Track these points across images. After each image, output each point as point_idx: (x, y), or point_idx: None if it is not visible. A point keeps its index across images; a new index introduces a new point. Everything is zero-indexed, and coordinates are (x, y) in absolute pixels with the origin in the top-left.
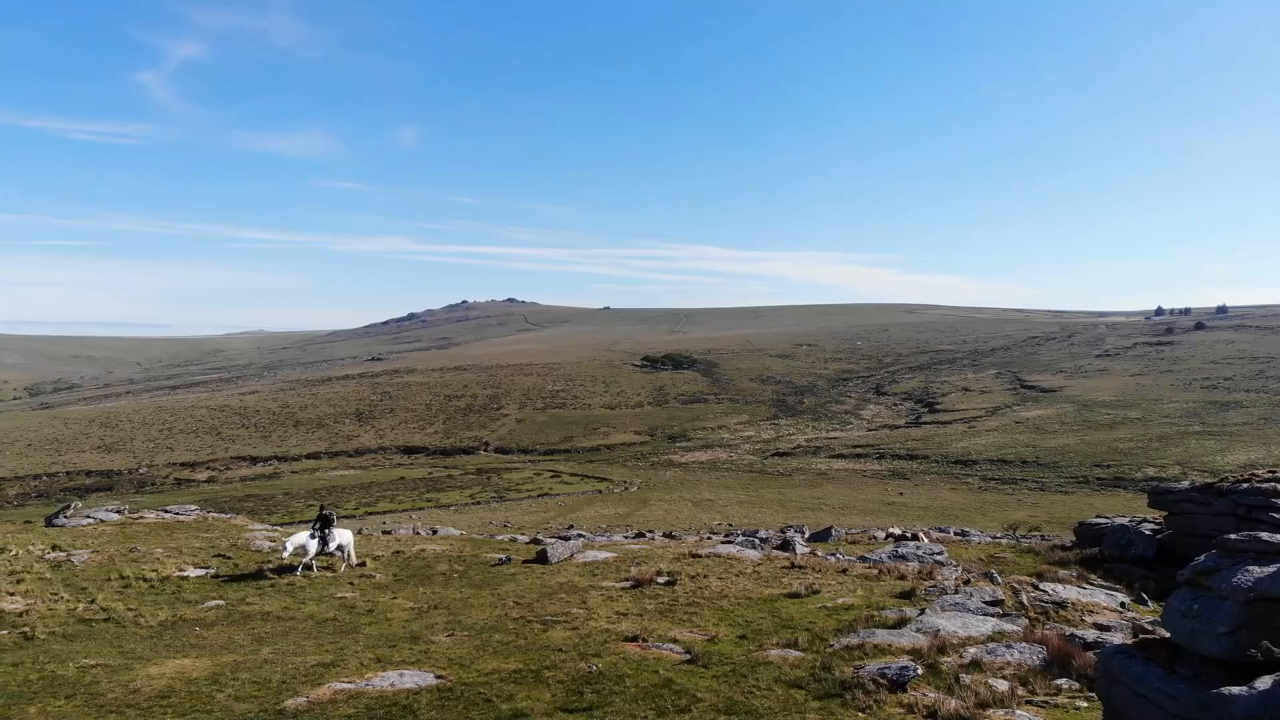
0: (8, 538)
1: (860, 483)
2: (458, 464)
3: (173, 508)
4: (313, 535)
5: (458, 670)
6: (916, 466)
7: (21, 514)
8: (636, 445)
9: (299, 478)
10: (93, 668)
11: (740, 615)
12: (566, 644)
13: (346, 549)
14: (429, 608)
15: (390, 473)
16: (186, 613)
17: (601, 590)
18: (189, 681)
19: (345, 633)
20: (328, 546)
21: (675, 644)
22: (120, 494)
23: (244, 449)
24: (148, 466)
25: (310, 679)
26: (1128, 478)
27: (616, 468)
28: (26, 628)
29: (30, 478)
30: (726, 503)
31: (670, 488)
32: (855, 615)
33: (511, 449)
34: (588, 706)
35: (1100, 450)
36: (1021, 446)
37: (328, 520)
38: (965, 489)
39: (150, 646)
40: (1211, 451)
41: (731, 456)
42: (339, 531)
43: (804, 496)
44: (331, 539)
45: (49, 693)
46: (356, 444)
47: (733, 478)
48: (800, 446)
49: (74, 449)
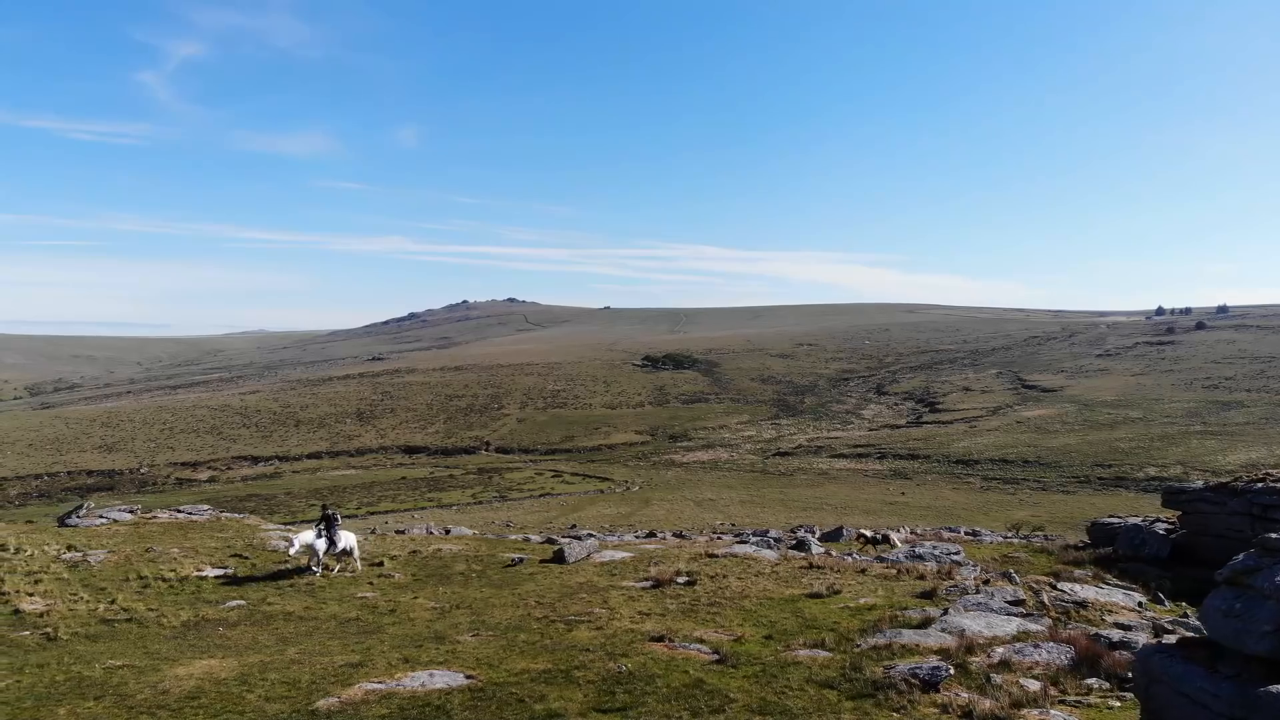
0: (22, 538)
1: (862, 482)
2: (459, 464)
3: (185, 507)
4: (319, 535)
5: (487, 670)
6: (918, 466)
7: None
8: (638, 445)
9: (300, 477)
10: (119, 669)
11: (763, 615)
12: (593, 644)
13: (351, 550)
14: (451, 607)
15: (391, 472)
16: (208, 613)
17: (622, 590)
18: (217, 682)
19: (369, 633)
20: (335, 547)
21: (702, 644)
22: (121, 494)
23: (245, 449)
24: (149, 466)
25: (340, 679)
26: (1129, 477)
27: (618, 467)
28: (49, 628)
29: (31, 477)
30: (728, 502)
31: (672, 487)
32: (879, 615)
33: (513, 449)
34: (621, 707)
35: (1102, 450)
36: (1023, 446)
37: (331, 520)
38: (967, 489)
39: (175, 647)
40: (1213, 451)
41: (733, 456)
42: (343, 532)
43: (806, 496)
44: (337, 540)
45: (77, 694)
46: (358, 444)
47: (734, 477)
48: (802, 446)
49: (75, 449)
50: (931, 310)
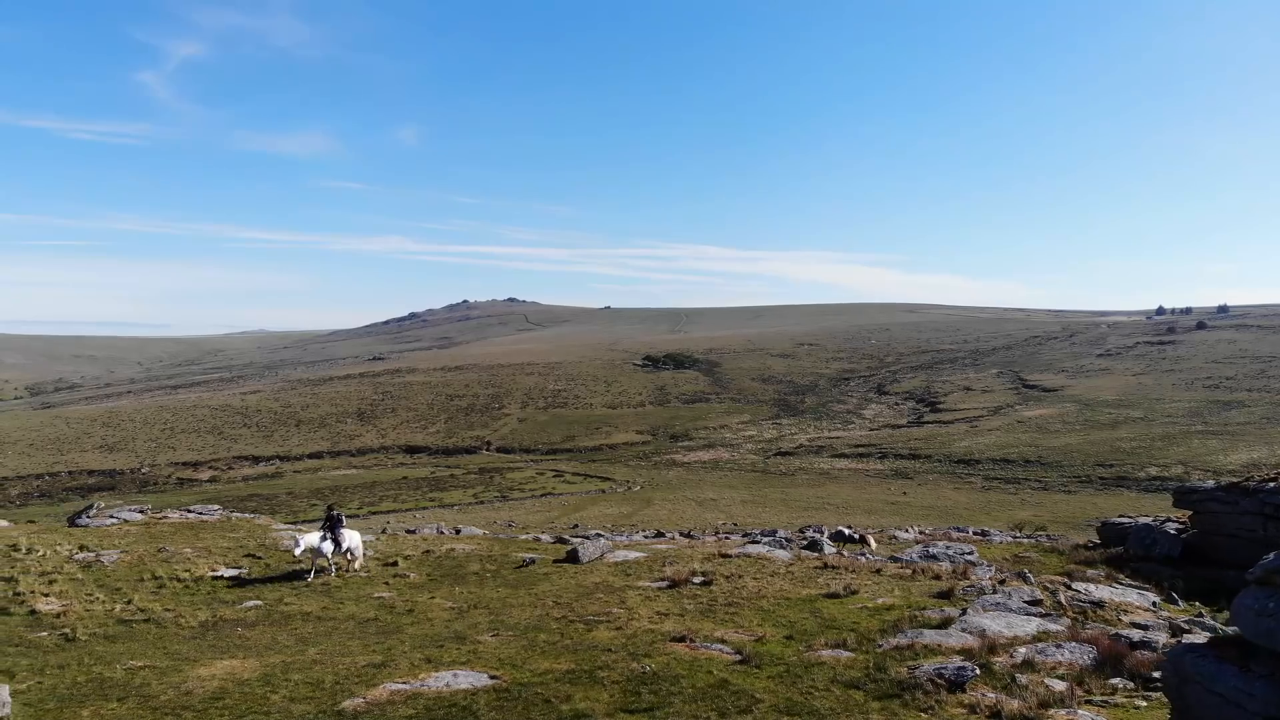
0: (33, 538)
1: (863, 482)
2: (460, 463)
3: (196, 508)
4: (324, 537)
5: (510, 670)
6: (919, 466)
7: (25, 513)
8: (639, 445)
9: (302, 477)
10: (140, 669)
11: (782, 616)
12: (613, 644)
13: (355, 551)
14: (469, 607)
15: (393, 472)
16: (225, 613)
17: (638, 590)
18: (240, 683)
19: (388, 633)
20: (340, 547)
21: (724, 644)
22: (123, 493)
23: (246, 448)
24: (150, 466)
25: (363, 679)
26: (1131, 477)
27: (619, 467)
28: (67, 629)
29: (33, 477)
30: (730, 502)
31: (673, 487)
32: (898, 615)
33: (514, 448)
34: (648, 707)
35: (1103, 450)
36: (1024, 446)
37: (336, 521)
38: (969, 488)
39: (195, 647)
40: (1214, 451)
41: (734, 456)
42: (347, 533)
43: (808, 496)
44: (341, 540)
45: (99, 695)
46: (359, 443)
47: (735, 477)
48: (803, 446)
49: (76, 448)
50: (932, 310)
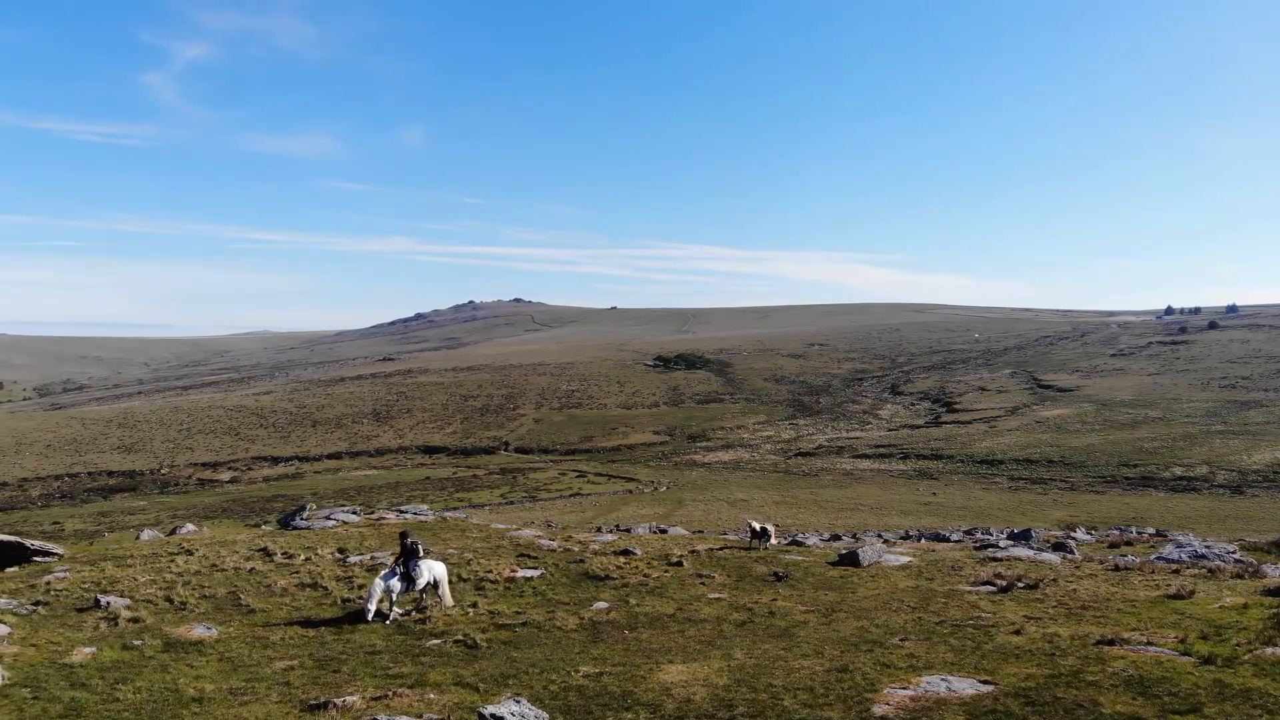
0: (268, 540)
1: (889, 483)
2: (480, 464)
3: (408, 509)
4: (393, 572)
5: (987, 675)
6: (942, 466)
7: (48, 514)
8: (657, 445)
9: (322, 477)
10: (599, 675)
11: (1152, 616)
12: (1030, 647)
13: (441, 586)
14: (827, 610)
15: (414, 472)
16: (593, 615)
17: (969, 593)
18: (723, 688)
19: (776, 636)
20: (415, 585)
21: (1150, 646)
22: (144, 494)
23: (264, 449)
24: (169, 467)
25: (863, 684)
26: (1156, 477)
27: (640, 468)
28: (458, 636)
29: (52, 478)
30: (762, 503)
31: (700, 488)
32: (1267, 614)
33: (531, 449)
34: (1187, 709)
35: (1125, 449)
36: (1045, 446)
37: (412, 551)
38: (996, 489)
39: (619, 652)
40: (1237, 450)
41: (754, 456)
42: (430, 564)
43: (837, 497)
44: (419, 574)
45: (601, 704)
46: (377, 444)
47: (760, 478)
48: (822, 446)
49: (94, 449)
50: (940, 310)
